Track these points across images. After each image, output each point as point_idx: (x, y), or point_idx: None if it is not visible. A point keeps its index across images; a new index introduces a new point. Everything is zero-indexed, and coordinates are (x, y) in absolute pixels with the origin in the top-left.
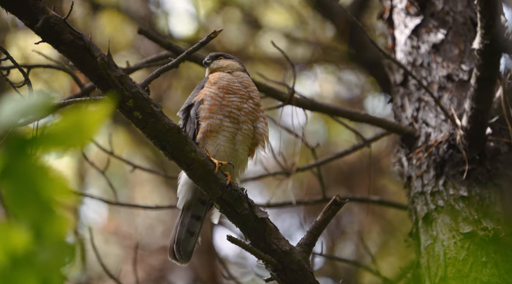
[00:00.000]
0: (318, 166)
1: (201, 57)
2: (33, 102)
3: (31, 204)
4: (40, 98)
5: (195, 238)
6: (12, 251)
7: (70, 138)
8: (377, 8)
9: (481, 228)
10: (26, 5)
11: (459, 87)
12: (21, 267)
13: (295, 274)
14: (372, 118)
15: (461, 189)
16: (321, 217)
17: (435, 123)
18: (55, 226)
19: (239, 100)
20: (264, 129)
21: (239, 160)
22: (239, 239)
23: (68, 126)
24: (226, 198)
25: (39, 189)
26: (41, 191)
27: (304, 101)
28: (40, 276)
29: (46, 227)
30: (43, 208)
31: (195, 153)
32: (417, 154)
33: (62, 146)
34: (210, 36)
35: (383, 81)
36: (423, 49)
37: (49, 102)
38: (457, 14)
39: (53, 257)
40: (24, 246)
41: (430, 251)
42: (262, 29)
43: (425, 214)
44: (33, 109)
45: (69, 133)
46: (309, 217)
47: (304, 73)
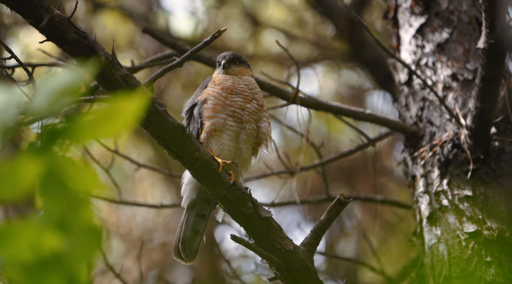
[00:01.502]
0: (322, 166)
1: (205, 56)
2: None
3: (60, 195)
4: (74, 78)
5: (200, 237)
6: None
7: (103, 128)
8: (377, 7)
9: (485, 228)
10: (30, 4)
11: (464, 87)
12: (48, 263)
13: (299, 273)
14: (377, 118)
15: (466, 188)
16: (325, 216)
17: (440, 123)
18: (83, 217)
19: (242, 100)
20: (267, 129)
21: (243, 159)
22: (243, 238)
23: (102, 116)
24: (230, 197)
25: (69, 180)
26: (71, 182)
27: (309, 100)
28: (67, 267)
29: (74, 218)
30: (72, 199)
31: (199, 152)
32: (422, 154)
33: (94, 137)
34: (215, 35)
35: (384, 80)
36: (427, 49)
37: (82, 83)
38: (462, 13)
39: (80, 246)
40: (51, 241)
41: (434, 251)
42: (262, 26)
43: (429, 213)
44: (68, 91)
45: (102, 124)
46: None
47: (304, 71)
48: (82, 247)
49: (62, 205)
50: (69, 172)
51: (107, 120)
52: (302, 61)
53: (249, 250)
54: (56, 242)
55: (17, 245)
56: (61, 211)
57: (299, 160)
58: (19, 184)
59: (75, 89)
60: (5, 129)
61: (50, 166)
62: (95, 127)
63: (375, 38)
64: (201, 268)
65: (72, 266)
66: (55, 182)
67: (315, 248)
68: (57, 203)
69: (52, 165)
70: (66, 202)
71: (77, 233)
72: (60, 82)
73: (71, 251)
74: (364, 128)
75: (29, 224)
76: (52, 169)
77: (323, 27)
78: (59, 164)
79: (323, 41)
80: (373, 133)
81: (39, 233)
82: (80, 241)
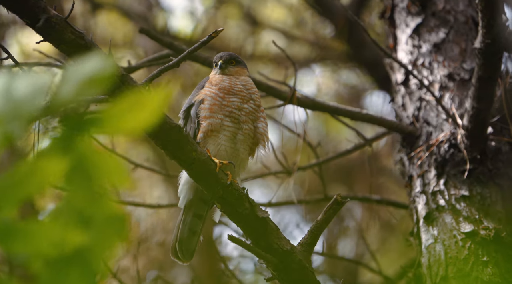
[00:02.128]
0: (319, 165)
1: (202, 56)
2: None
3: (86, 186)
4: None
5: (197, 237)
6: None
7: (128, 120)
8: (375, 7)
9: (482, 228)
10: (27, 5)
11: (460, 86)
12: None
13: (296, 274)
14: (373, 118)
15: (462, 188)
16: (322, 216)
17: (436, 123)
18: (106, 209)
19: (239, 100)
20: (264, 129)
21: (240, 159)
22: (240, 239)
23: (127, 108)
24: (227, 197)
25: (94, 171)
26: (96, 173)
27: (306, 100)
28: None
29: (98, 210)
30: (98, 190)
31: (196, 152)
32: (418, 154)
33: (119, 128)
34: (211, 36)
35: (382, 80)
36: (424, 48)
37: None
38: (458, 13)
39: (102, 238)
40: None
41: (431, 251)
42: (261, 26)
43: (426, 213)
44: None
45: (127, 115)
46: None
47: (302, 71)
48: (104, 239)
49: (86, 196)
50: (95, 164)
51: (133, 111)
52: (300, 61)
53: (246, 250)
54: (78, 236)
55: (39, 241)
56: (85, 203)
57: (296, 160)
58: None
59: (105, 78)
60: (30, 117)
61: (76, 157)
62: (121, 118)
63: (371, 38)
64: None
65: (93, 259)
66: (81, 174)
67: (312, 248)
68: (81, 194)
69: (78, 157)
70: (91, 194)
71: (100, 225)
72: (89, 70)
73: (93, 243)
74: (363, 128)
75: (50, 219)
76: (78, 160)
77: (322, 27)
78: (85, 155)
79: (322, 41)
80: (372, 133)
81: (60, 228)
82: (103, 233)
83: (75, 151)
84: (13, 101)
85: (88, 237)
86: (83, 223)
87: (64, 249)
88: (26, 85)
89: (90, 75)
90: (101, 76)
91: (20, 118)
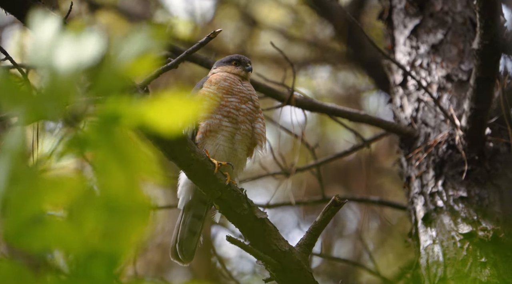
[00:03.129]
0: (317, 166)
1: (200, 57)
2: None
3: (116, 176)
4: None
5: (197, 238)
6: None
7: (164, 118)
8: (375, 8)
9: (480, 229)
10: (25, 6)
11: (458, 88)
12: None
13: (295, 275)
14: (372, 119)
15: (460, 189)
16: (320, 217)
17: (435, 124)
18: (135, 197)
19: (237, 101)
20: (262, 130)
21: (238, 159)
22: (238, 240)
23: (166, 107)
24: (225, 198)
25: (126, 163)
26: (127, 165)
27: (304, 102)
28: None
29: (127, 198)
30: (127, 183)
31: (195, 153)
32: (416, 155)
33: (154, 125)
34: (210, 37)
35: (380, 81)
36: (422, 49)
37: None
38: (456, 14)
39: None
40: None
41: (429, 252)
42: (259, 27)
43: (424, 214)
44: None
45: (164, 114)
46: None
47: (301, 72)
48: (129, 229)
49: (117, 185)
50: (127, 155)
51: (171, 112)
52: (299, 62)
53: (244, 251)
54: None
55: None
56: (116, 191)
57: (294, 161)
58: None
59: (153, 57)
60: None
61: (109, 145)
62: (158, 115)
63: (370, 40)
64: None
65: (118, 249)
66: (113, 163)
67: (310, 249)
68: (112, 183)
69: (111, 146)
70: (122, 183)
71: (127, 214)
72: (139, 47)
73: (119, 233)
74: (361, 129)
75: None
76: (111, 150)
77: (321, 28)
78: (118, 144)
79: (321, 42)
80: (370, 134)
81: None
82: (129, 222)
83: (109, 140)
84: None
85: (113, 226)
86: (110, 212)
87: (89, 240)
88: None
89: (140, 52)
90: (151, 53)
91: (60, 97)
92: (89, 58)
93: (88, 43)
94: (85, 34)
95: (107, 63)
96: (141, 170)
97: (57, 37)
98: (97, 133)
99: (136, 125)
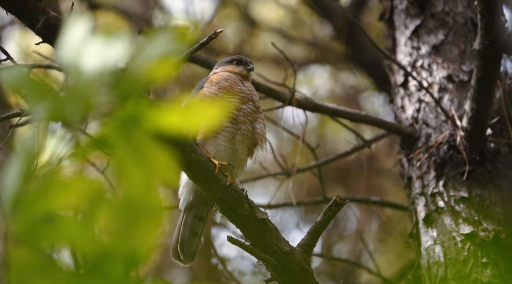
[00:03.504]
0: (318, 167)
1: (201, 58)
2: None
3: (133, 176)
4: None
5: (198, 238)
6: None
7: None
8: (375, 8)
9: (481, 229)
10: (26, 6)
11: (460, 88)
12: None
13: (296, 275)
14: (373, 119)
15: (462, 190)
16: (321, 218)
17: (436, 124)
18: (151, 199)
19: (238, 101)
20: (263, 130)
21: (239, 159)
22: (239, 240)
23: (188, 110)
24: (226, 198)
25: (145, 164)
26: (145, 166)
27: (305, 102)
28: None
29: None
30: (144, 184)
31: (196, 153)
32: (417, 155)
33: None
34: (210, 37)
35: (381, 81)
36: (423, 50)
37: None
38: (457, 15)
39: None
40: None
41: (430, 252)
42: (259, 27)
43: (425, 215)
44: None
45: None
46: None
47: (301, 72)
48: (144, 228)
49: (136, 187)
50: (145, 155)
51: (192, 114)
52: (299, 62)
53: (245, 251)
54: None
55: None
56: (134, 193)
57: (296, 161)
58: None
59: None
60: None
61: (129, 147)
62: (180, 118)
63: (371, 40)
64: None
65: (135, 250)
66: (132, 166)
67: (311, 249)
68: (131, 185)
69: (131, 148)
70: (141, 185)
71: (143, 215)
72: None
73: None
74: (362, 129)
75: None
76: (131, 152)
77: (321, 28)
78: (137, 146)
79: (321, 42)
80: (371, 135)
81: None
82: (144, 223)
83: (129, 142)
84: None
85: (129, 227)
86: (126, 212)
87: (101, 239)
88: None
89: (164, 54)
90: (175, 55)
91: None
92: (115, 62)
93: (115, 47)
94: (114, 38)
95: (129, 66)
96: (159, 172)
97: (86, 39)
98: (117, 135)
99: (155, 128)
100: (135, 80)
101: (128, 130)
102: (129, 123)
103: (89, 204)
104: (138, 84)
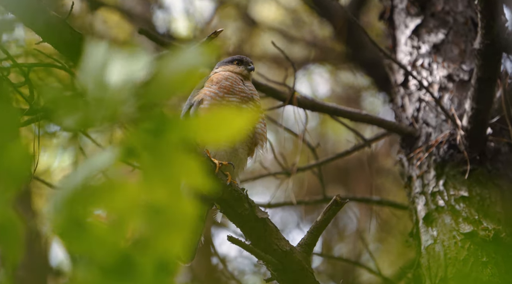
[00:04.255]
0: (318, 166)
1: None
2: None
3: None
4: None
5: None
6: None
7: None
8: (375, 7)
9: (481, 228)
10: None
11: (460, 87)
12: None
13: (296, 274)
14: (373, 118)
15: (462, 189)
16: (321, 217)
17: (436, 123)
18: (180, 204)
19: (238, 100)
20: (263, 129)
21: (239, 159)
22: (239, 239)
23: (218, 120)
24: (226, 198)
25: (173, 170)
26: (173, 173)
27: (305, 101)
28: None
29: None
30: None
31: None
32: (418, 154)
33: (205, 137)
34: (211, 36)
35: (381, 81)
36: (423, 49)
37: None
38: (458, 14)
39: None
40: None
41: (430, 251)
42: (259, 27)
43: (425, 214)
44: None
45: (215, 127)
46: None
47: (301, 72)
48: (174, 233)
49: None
50: (176, 163)
51: (221, 124)
52: (299, 62)
53: (245, 251)
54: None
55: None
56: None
57: (296, 161)
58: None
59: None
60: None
61: (157, 154)
62: (209, 127)
63: (371, 39)
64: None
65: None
66: (161, 172)
67: (311, 249)
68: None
69: (159, 154)
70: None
71: (172, 221)
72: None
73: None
74: (362, 129)
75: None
76: (160, 158)
77: (321, 27)
78: (165, 154)
79: (321, 42)
80: (371, 134)
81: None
82: (173, 227)
83: (157, 150)
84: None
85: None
86: (155, 219)
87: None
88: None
89: (186, 68)
90: (197, 70)
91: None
92: (138, 75)
93: (138, 62)
94: (136, 54)
95: (155, 79)
96: (188, 180)
97: (108, 57)
98: (143, 144)
99: (183, 136)
100: (160, 91)
101: (154, 140)
102: (155, 132)
103: (121, 210)
104: (163, 95)
